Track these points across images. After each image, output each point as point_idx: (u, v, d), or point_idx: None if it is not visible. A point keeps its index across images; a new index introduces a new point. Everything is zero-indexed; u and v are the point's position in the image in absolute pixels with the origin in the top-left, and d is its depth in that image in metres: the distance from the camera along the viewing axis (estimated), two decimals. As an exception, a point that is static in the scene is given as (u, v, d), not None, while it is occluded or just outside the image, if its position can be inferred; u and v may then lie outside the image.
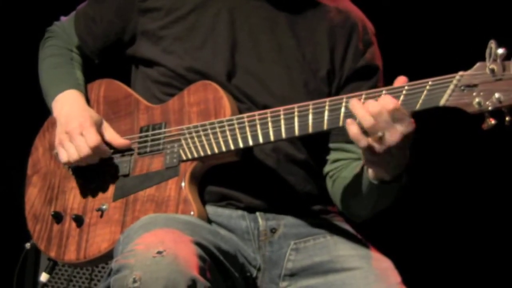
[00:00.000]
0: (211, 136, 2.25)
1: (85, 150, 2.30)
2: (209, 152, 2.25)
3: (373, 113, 1.99)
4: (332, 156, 2.41)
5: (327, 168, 2.42)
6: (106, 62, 2.60)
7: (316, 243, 2.34)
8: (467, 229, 3.91)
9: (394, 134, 2.00)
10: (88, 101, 2.50)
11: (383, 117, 1.99)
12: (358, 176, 2.24)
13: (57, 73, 2.53)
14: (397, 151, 2.02)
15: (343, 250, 2.32)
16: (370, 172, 2.15)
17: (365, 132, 2.02)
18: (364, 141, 2.02)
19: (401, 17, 3.79)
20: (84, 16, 2.58)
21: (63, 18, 2.66)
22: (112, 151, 2.37)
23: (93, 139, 2.31)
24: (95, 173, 2.40)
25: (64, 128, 2.35)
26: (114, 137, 2.38)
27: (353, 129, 2.02)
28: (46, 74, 2.56)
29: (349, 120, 2.03)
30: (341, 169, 2.37)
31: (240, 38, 2.39)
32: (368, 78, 2.41)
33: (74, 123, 2.33)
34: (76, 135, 2.32)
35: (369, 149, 2.03)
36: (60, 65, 2.55)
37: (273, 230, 2.31)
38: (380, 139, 2.01)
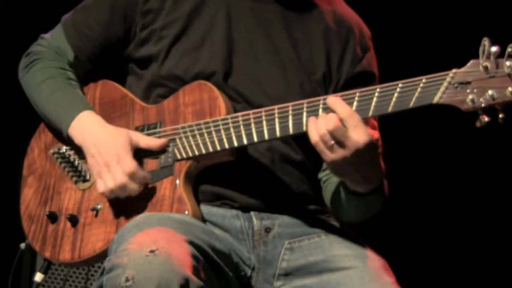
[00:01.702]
0: (205, 135, 2.25)
1: (122, 179, 2.23)
2: (203, 151, 2.24)
3: (329, 128, 2.04)
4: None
5: (321, 174, 2.43)
6: (100, 65, 2.57)
7: (311, 242, 2.33)
8: (462, 229, 3.92)
9: (344, 150, 2.03)
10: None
11: (338, 132, 2.03)
12: (339, 184, 2.28)
13: (61, 97, 2.44)
14: (355, 166, 2.06)
15: (338, 250, 2.31)
16: (345, 184, 2.20)
17: None
18: (315, 137, 2.07)
19: (395, 15, 3.80)
20: (74, 25, 2.51)
21: (44, 36, 2.58)
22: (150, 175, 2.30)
23: (130, 165, 2.24)
24: (90, 173, 2.39)
25: (102, 160, 2.27)
26: (149, 142, 2.31)
27: (310, 124, 2.08)
28: (48, 100, 2.45)
29: (311, 117, 2.09)
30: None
31: (236, 39, 2.39)
32: (365, 84, 2.40)
33: (109, 154, 2.26)
34: (114, 165, 2.25)
35: (322, 153, 2.07)
36: (60, 88, 2.46)
37: (267, 230, 2.31)
38: (331, 148, 2.04)
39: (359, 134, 2.03)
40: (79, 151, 2.40)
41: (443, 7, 3.74)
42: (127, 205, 2.29)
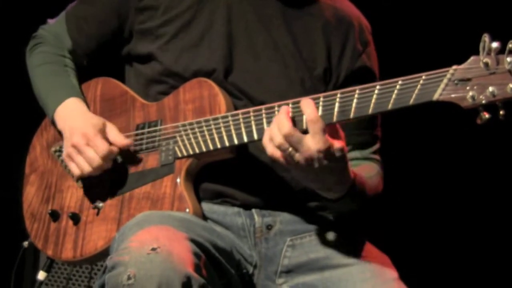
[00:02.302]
0: (206, 133, 2.25)
1: (96, 160, 2.29)
2: (204, 149, 2.24)
3: (284, 133, 2.03)
4: None
5: None
6: (96, 62, 2.58)
7: (312, 239, 2.33)
8: (463, 225, 3.91)
9: (299, 155, 2.02)
10: (85, 101, 2.49)
11: (293, 138, 2.02)
12: None
13: (53, 82, 2.51)
14: (313, 174, 2.07)
15: (340, 246, 2.31)
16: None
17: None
18: (269, 148, 2.06)
19: (394, 12, 3.78)
20: (75, 17, 2.55)
21: (50, 21, 2.64)
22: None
23: (101, 147, 2.30)
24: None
25: (70, 142, 2.34)
26: (116, 139, 2.35)
27: (264, 136, 2.08)
28: (41, 83, 2.52)
29: (267, 128, 2.09)
30: None
31: (236, 35, 2.39)
32: (365, 80, 2.39)
33: (78, 135, 2.32)
34: (83, 146, 2.31)
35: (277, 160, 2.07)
36: (54, 73, 2.52)
37: (269, 227, 2.31)
38: (287, 154, 2.04)
39: (315, 140, 2.01)
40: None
41: (443, 3, 3.73)
42: (128, 203, 2.29)
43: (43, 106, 2.50)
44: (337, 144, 2.04)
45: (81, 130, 2.33)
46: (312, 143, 2.01)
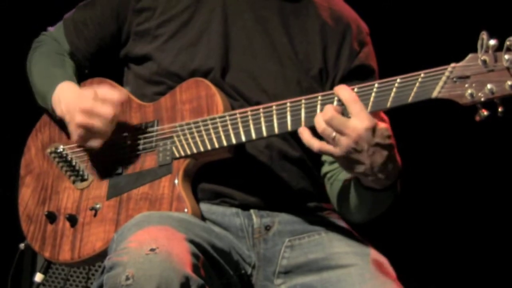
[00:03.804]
0: (203, 133, 2.25)
1: (78, 118, 2.24)
2: (201, 149, 2.24)
3: (325, 118, 2.02)
4: (330, 161, 2.41)
5: (325, 168, 2.42)
6: (97, 65, 2.59)
7: (311, 240, 2.32)
8: (462, 226, 3.91)
9: (346, 138, 2.01)
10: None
11: (335, 121, 2.01)
12: (350, 181, 2.26)
13: (52, 71, 2.50)
14: (364, 157, 2.03)
15: (338, 247, 2.30)
16: (360, 180, 2.18)
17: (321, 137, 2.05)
18: (316, 144, 2.05)
19: (393, 10, 3.79)
20: (73, 22, 2.56)
21: (50, 29, 2.65)
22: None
23: (84, 104, 2.24)
24: (88, 172, 2.39)
25: (74, 123, 2.27)
26: (111, 96, 2.29)
27: (304, 135, 2.07)
28: (38, 78, 2.52)
29: (300, 129, 2.08)
30: (339, 171, 2.37)
31: (233, 35, 2.39)
32: (363, 79, 2.40)
33: (78, 114, 2.26)
34: (89, 120, 2.25)
35: (327, 153, 2.05)
36: (54, 65, 2.52)
37: (267, 227, 2.31)
38: (333, 141, 2.02)
39: (359, 119, 2.00)
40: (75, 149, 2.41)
41: (441, 2, 3.73)
42: (126, 204, 2.29)
43: (43, 100, 2.48)
44: (382, 124, 2.04)
45: (79, 108, 2.26)
46: (358, 122, 2.00)
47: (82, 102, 2.27)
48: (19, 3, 4.07)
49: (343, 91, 2.05)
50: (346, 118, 2.01)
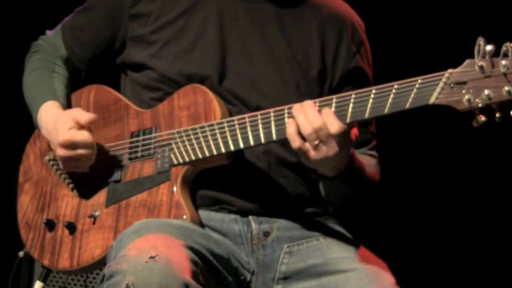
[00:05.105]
0: (201, 139, 2.25)
1: (90, 158, 2.32)
2: (200, 156, 2.24)
3: (314, 125, 2.05)
4: None
5: None
6: (94, 70, 2.59)
7: (310, 245, 2.33)
8: (461, 230, 3.91)
9: (331, 148, 2.06)
10: (63, 101, 2.49)
11: (323, 133, 2.05)
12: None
13: (36, 90, 2.52)
14: (332, 157, 2.08)
15: (337, 253, 2.31)
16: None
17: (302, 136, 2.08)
18: (297, 143, 2.08)
19: (390, 16, 3.80)
20: (70, 27, 2.57)
21: (48, 32, 2.65)
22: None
23: (62, 136, 2.28)
24: (87, 179, 2.39)
25: (58, 156, 2.34)
26: (84, 119, 2.32)
27: (290, 129, 2.09)
28: (28, 91, 2.55)
29: (290, 120, 2.10)
30: None
31: (230, 40, 2.39)
32: (360, 80, 2.40)
33: (59, 148, 2.31)
34: (73, 154, 2.31)
35: (302, 153, 2.09)
36: (39, 80, 2.54)
37: (266, 234, 2.31)
38: (316, 147, 2.06)
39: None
40: None
41: (438, 7, 3.74)
42: (124, 211, 2.29)
43: (31, 113, 2.51)
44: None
45: (57, 142, 2.31)
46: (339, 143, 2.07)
47: (60, 135, 2.30)
48: (20, 5, 4.06)
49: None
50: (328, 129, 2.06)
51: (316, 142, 2.06)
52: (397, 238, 3.82)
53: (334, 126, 2.05)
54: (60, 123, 2.32)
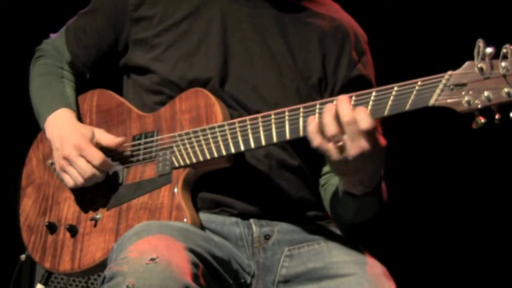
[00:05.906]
0: (203, 142, 2.25)
1: (89, 171, 2.31)
2: (201, 159, 2.24)
3: (343, 121, 2.00)
4: (326, 168, 2.42)
5: (321, 179, 2.43)
6: (97, 73, 2.61)
7: (310, 249, 2.32)
8: (461, 233, 3.90)
9: (355, 148, 2.00)
10: (80, 113, 2.50)
11: (351, 129, 2.00)
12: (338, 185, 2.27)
13: (47, 93, 2.53)
14: (359, 166, 2.03)
15: (337, 257, 2.30)
16: (342, 184, 2.19)
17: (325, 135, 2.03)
18: (317, 140, 2.03)
19: (390, 18, 3.80)
20: (74, 30, 2.59)
21: (52, 35, 2.67)
22: (113, 162, 2.37)
23: (96, 157, 2.31)
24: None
25: (61, 153, 2.34)
26: (110, 141, 2.36)
27: (311, 126, 2.04)
28: (36, 94, 2.56)
29: (311, 117, 2.06)
30: (332, 176, 2.38)
31: (232, 44, 2.39)
32: (361, 89, 2.40)
33: (69, 147, 2.33)
34: (76, 157, 2.31)
35: (326, 152, 2.04)
36: (49, 84, 2.55)
37: (267, 237, 2.31)
38: (340, 148, 2.01)
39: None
40: None
41: (438, 9, 3.74)
42: (126, 214, 2.29)
43: (37, 116, 2.52)
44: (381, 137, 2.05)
45: (72, 141, 2.33)
46: (366, 146, 2.00)
47: (77, 138, 2.33)
48: (22, 9, 4.08)
49: (344, 109, 2.03)
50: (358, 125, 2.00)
51: (341, 143, 2.01)
52: (398, 242, 3.82)
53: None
54: (84, 131, 2.36)
